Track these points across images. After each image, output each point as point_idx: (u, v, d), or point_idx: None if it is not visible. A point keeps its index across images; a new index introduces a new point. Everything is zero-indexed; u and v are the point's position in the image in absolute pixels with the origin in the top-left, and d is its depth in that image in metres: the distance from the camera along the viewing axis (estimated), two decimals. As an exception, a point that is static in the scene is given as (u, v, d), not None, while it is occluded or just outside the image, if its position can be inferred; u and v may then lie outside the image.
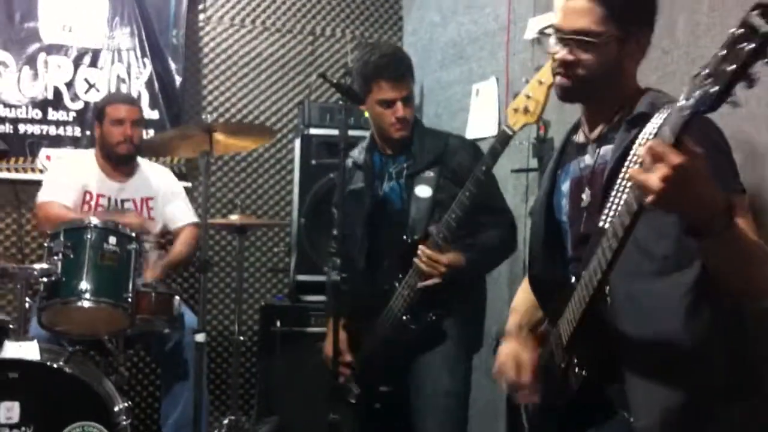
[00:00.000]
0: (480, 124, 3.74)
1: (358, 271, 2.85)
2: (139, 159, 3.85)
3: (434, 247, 2.57)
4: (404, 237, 2.70)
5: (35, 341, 2.87)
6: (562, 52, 1.75)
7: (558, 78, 1.79)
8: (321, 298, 3.83)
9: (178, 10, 4.39)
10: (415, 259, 2.59)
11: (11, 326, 3.01)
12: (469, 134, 3.70)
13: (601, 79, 1.73)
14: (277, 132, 4.55)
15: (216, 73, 4.59)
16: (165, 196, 3.86)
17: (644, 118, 1.64)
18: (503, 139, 2.38)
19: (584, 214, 1.76)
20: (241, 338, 3.65)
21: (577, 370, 1.62)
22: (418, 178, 2.75)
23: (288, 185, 4.57)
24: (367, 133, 3.00)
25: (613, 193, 1.61)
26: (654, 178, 1.28)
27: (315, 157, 4.09)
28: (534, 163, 3.24)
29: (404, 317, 2.66)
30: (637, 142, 1.60)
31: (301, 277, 4.06)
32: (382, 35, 4.81)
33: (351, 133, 2.92)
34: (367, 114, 2.94)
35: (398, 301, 2.67)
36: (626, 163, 1.61)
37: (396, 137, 2.79)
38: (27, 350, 2.82)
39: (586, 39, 1.70)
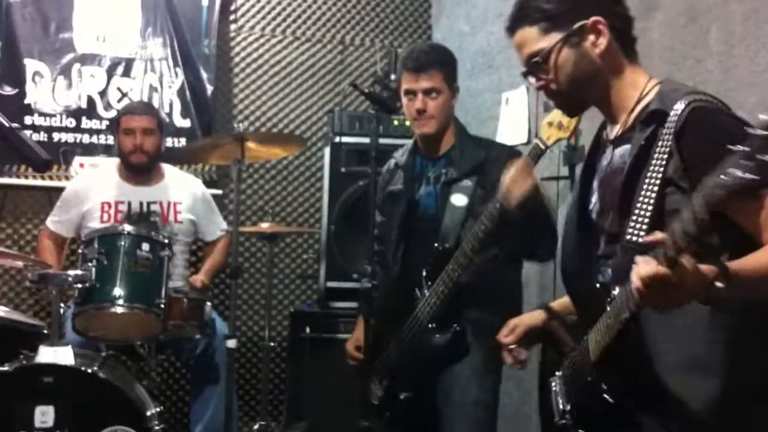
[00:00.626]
0: (510, 132, 3.74)
1: (392, 274, 2.84)
2: (166, 166, 3.89)
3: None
4: (435, 245, 2.67)
5: (69, 346, 2.91)
6: (535, 83, 1.78)
7: (552, 102, 1.84)
8: (350, 304, 3.85)
9: (209, 20, 4.45)
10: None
11: (46, 331, 3.07)
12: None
13: (582, 82, 1.72)
14: (307, 140, 4.58)
15: (247, 82, 4.63)
16: (195, 203, 3.90)
17: (658, 115, 1.59)
18: (536, 153, 2.36)
19: (611, 211, 1.74)
20: (271, 344, 3.68)
21: (604, 394, 1.61)
22: (455, 186, 2.70)
23: (317, 192, 4.60)
24: (395, 141, 3.00)
25: (640, 198, 1.56)
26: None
27: (344, 164, 4.11)
28: (564, 171, 3.23)
29: (430, 325, 2.63)
30: (658, 144, 1.55)
31: (331, 284, 4.08)
32: (411, 44, 4.83)
33: (380, 141, 2.92)
34: (396, 123, 2.97)
35: (425, 309, 2.64)
36: (650, 166, 1.56)
37: (418, 132, 2.76)
38: (61, 355, 2.86)
39: (538, 61, 1.71)
